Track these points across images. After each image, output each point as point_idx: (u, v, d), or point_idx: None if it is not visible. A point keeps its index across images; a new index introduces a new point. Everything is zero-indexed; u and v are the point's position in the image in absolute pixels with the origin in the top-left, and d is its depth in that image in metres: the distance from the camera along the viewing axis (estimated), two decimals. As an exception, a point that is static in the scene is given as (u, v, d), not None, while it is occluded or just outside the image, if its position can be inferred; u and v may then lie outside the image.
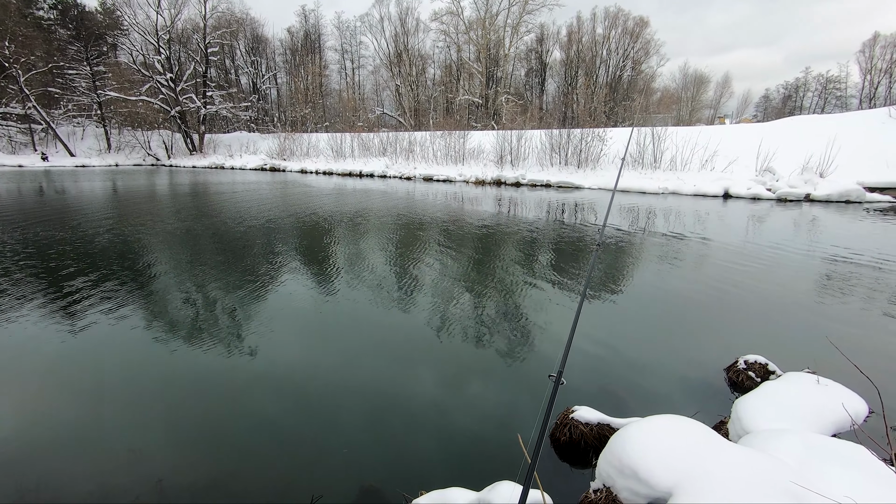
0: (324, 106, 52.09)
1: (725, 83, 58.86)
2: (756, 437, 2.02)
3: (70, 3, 45.29)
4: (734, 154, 17.49)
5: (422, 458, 2.34)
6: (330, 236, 7.90)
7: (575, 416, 2.45)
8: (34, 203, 12.42)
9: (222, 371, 3.18)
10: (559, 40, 50.37)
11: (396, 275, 5.54)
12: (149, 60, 42.31)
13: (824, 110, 54.51)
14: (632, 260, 6.50)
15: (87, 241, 7.21)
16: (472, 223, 9.21)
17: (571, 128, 21.17)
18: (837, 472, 1.66)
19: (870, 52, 48.07)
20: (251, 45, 55.08)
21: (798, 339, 3.77)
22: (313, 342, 3.74)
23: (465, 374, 3.19)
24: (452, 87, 52.32)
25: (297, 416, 2.68)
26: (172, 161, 40.55)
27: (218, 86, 50.10)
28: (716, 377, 3.13)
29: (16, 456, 2.32)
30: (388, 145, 28.60)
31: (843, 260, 6.28)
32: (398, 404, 2.80)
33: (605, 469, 1.88)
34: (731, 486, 1.56)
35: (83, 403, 2.80)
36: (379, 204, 12.48)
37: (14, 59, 36.47)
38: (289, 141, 34.34)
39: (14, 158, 36.78)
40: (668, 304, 4.63)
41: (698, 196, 14.49)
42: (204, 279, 5.32)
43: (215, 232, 8.16)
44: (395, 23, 52.50)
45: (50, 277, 5.29)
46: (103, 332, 3.79)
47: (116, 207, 11.64)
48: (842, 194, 12.66)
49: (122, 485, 2.12)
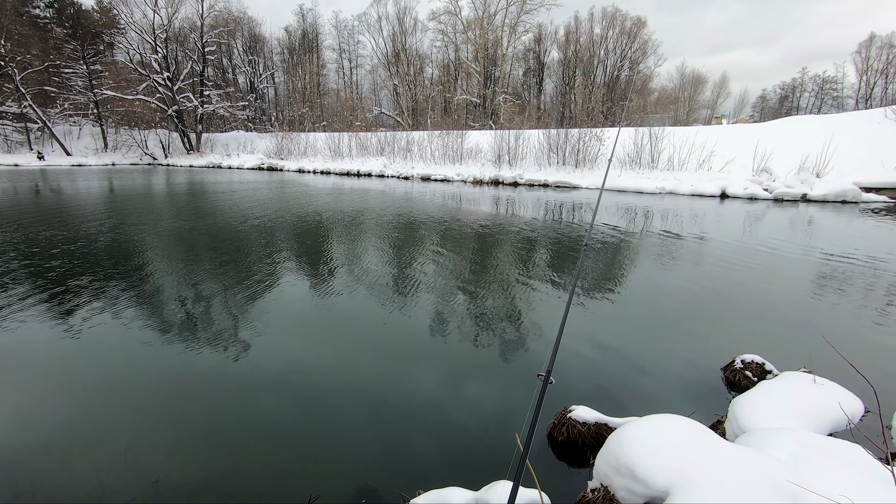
0: (321, 105, 52.01)
1: (722, 83, 59.07)
2: (753, 437, 2.02)
3: (66, 2, 45.09)
4: (731, 154, 17.54)
5: (419, 458, 2.34)
6: (327, 236, 7.89)
7: (572, 415, 2.45)
8: (30, 203, 12.36)
9: (219, 370, 3.17)
10: (557, 40, 50.51)
11: (393, 275, 5.53)
12: (146, 59, 42.14)
13: (821, 110, 54.77)
14: (629, 259, 6.51)
15: (86, 240, 7.18)
16: (469, 223, 9.21)
17: (569, 127, 21.19)
18: (834, 471, 1.66)
19: (866, 53, 48.34)
20: (249, 45, 54.99)
21: (794, 339, 3.78)
22: (309, 342, 3.74)
23: (463, 373, 3.19)
24: (450, 86, 52.32)
25: (293, 415, 2.67)
26: (169, 160, 40.45)
27: (215, 85, 49.98)
28: (713, 376, 3.14)
29: (11, 455, 2.31)
30: (386, 145, 28.58)
31: (839, 259, 6.30)
32: (395, 404, 2.79)
33: (602, 468, 1.88)
34: (728, 485, 1.56)
35: (80, 403, 2.79)
36: (377, 203, 12.46)
37: (10, 57, 36.30)
38: (286, 140, 34.27)
39: (10, 157, 36.63)
40: (666, 304, 4.64)
41: (695, 196, 14.53)
42: (201, 278, 5.30)
43: (213, 231, 8.14)
44: (392, 22, 52.58)
45: (46, 276, 5.26)
46: (100, 331, 3.77)
47: (115, 207, 11.59)
48: (838, 194, 12.71)
49: (118, 485, 2.11)
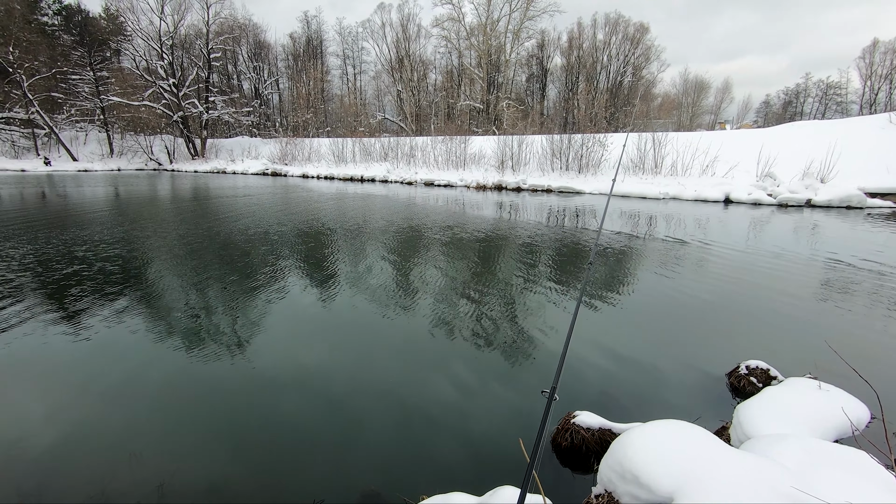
0: (325, 111, 52.31)
1: (726, 89, 59.09)
2: (758, 443, 2.02)
3: (74, 9, 45.64)
4: (735, 159, 17.53)
5: (423, 463, 2.34)
6: (330, 241, 7.91)
7: (576, 420, 2.45)
8: (36, 208, 12.46)
9: (223, 374, 3.18)
10: (560, 46, 50.71)
11: (397, 280, 5.55)
12: (152, 66, 42.55)
13: (825, 116, 54.61)
14: (633, 265, 6.51)
15: (94, 244, 7.23)
16: (473, 228, 9.23)
17: (572, 133, 21.24)
18: (839, 478, 1.66)
19: (870, 59, 48.26)
20: (254, 51, 55.41)
21: (799, 345, 3.77)
22: (312, 348, 3.74)
23: (467, 379, 3.19)
24: (454, 92, 52.54)
25: (297, 420, 2.68)
26: (174, 166, 40.68)
27: (220, 91, 50.34)
28: (717, 382, 3.13)
29: (19, 457, 2.32)
30: (390, 150, 28.70)
31: (844, 265, 6.28)
32: (399, 408, 2.80)
33: (606, 474, 1.88)
34: (733, 491, 1.56)
35: (85, 406, 2.81)
36: (381, 208, 12.50)
37: (18, 64, 36.72)
38: (290, 146, 34.47)
39: (17, 163, 36.91)
40: (670, 310, 4.63)
41: (699, 201, 14.51)
42: (210, 282, 5.33)
43: (222, 236, 8.18)
44: (396, 28, 52.95)
45: (56, 280, 5.30)
46: (108, 334, 3.79)
47: (122, 212, 11.67)
48: (843, 200, 12.67)
49: (122, 488, 2.12)
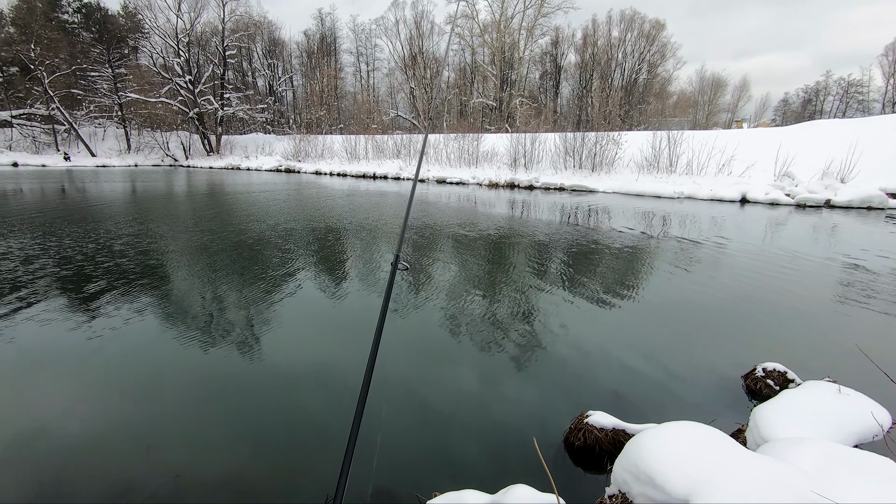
0: (338, 108, 52.62)
1: (743, 87, 58.13)
2: (775, 446, 1.98)
3: (93, 7, 46.49)
4: (752, 158, 17.22)
5: (435, 460, 2.35)
6: (345, 238, 7.96)
7: (589, 420, 2.43)
8: (55, 202, 12.73)
9: (238, 370, 3.22)
10: (574, 43, 50.33)
11: (410, 277, 5.56)
12: (168, 63, 43.22)
13: (845, 115, 53.39)
14: (648, 264, 6.44)
15: (110, 239, 7.36)
16: (485, 226, 9.21)
17: (586, 131, 21.06)
18: (860, 483, 1.62)
19: (893, 56, 47.06)
20: (268, 48, 55.92)
21: (818, 348, 3.70)
22: (329, 343, 3.77)
23: (480, 377, 3.19)
24: (466, 89, 52.43)
25: (311, 415, 2.70)
26: (190, 162, 41.30)
27: (235, 88, 50.92)
28: (733, 385, 3.08)
29: (38, 452, 2.38)
30: (402, 147, 28.76)
31: (864, 267, 6.14)
32: (411, 405, 2.81)
33: (620, 475, 1.87)
34: (750, 494, 1.54)
35: (104, 400, 2.86)
36: (394, 205, 12.54)
37: (39, 61, 37.57)
38: (304, 142, 34.73)
39: (38, 158, 37.81)
40: (685, 310, 4.57)
41: (714, 201, 14.29)
42: (226, 278, 5.40)
43: (246, 234, 8.28)
44: (409, 26, 53.02)
45: (73, 274, 5.42)
46: (124, 329, 3.86)
47: (142, 208, 11.89)
48: (863, 200, 12.37)
49: (138, 481, 2.15)
